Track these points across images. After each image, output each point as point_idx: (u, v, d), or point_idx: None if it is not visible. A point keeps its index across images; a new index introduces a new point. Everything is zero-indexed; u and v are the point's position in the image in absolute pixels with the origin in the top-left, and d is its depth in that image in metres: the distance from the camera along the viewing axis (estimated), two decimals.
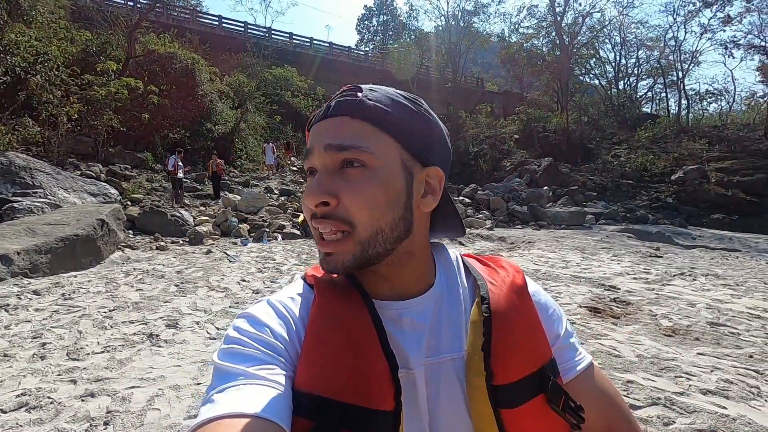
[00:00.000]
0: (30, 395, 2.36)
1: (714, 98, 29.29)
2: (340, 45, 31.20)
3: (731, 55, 24.01)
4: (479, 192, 15.02)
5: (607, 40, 28.65)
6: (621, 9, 26.68)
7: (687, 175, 16.33)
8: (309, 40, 28.52)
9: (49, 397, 2.34)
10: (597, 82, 30.11)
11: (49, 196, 7.94)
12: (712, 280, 5.82)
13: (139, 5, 18.73)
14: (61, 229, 5.75)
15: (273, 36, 27.05)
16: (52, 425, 2.09)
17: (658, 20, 77.11)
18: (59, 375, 2.63)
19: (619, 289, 5.15)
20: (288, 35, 27.73)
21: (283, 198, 12.21)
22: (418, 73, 27.90)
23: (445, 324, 0.52)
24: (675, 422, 2.18)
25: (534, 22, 28.03)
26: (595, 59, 29.02)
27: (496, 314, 0.51)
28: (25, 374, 2.63)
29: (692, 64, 25.74)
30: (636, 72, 30.16)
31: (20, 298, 4.17)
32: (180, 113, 14.24)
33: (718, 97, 29.28)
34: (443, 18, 28.79)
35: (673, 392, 2.50)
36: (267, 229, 8.77)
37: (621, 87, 29.89)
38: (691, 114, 27.38)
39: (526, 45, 27.53)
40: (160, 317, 3.75)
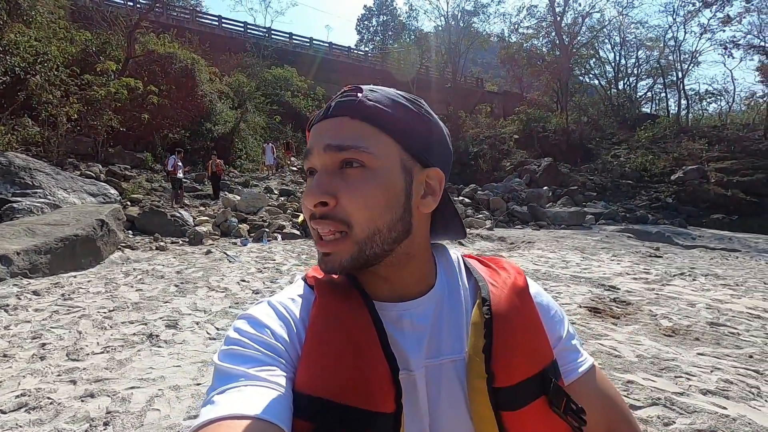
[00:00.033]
0: (30, 396, 2.35)
1: (714, 98, 29.37)
2: (340, 45, 31.22)
3: (731, 55, 24.02)
4: (479, 192, 15.03)
5: (607, 40, 28.72)
6: (621, 9, 26.74)
7: (687, 175, 16.34)
8: (309, 40, 28.52)
9: (48, 398, 2.34)
10: (597, 82, 30.14)
11: (49, 197, 7.93)
12: (712, 280, 5.82)
13: (138, 5, 18.74)
14: (60, 230, 5.74)
15: (273, 36, 27.05)
16: (52, 426, 2.09)
17: (658, 20, 77.07)
18: (59, 375, 2.63)
19: (619, 289, 5.15)
20: (288, 35, 27.74)
21: (283, 198, 12.21)
22: (417, 74, 27.90)
23: (446, 325, 0.52)
24: (675, 422, 2.18)
25: (534, 22, 28.08)
26: (594, 59, 29.05)
27: (497, 316, 0.51)
28: (24, 375, 2.63)
29: (692, 64, 25.75)
30: (636, 72, 30.16)
31: (20, 299, 4.17)
32: (180, 113, 14.24)
33: (718, 97, 29.37)
34: (443, 18, 28.87)
35: (673, 392, 2.50)
36: (267, 230, 8.76)
37: (621, 87, 29.89)
38: (691, 114, 27.41)
39: (525, 45, 27.57)
40: (160, 317, 3.75)
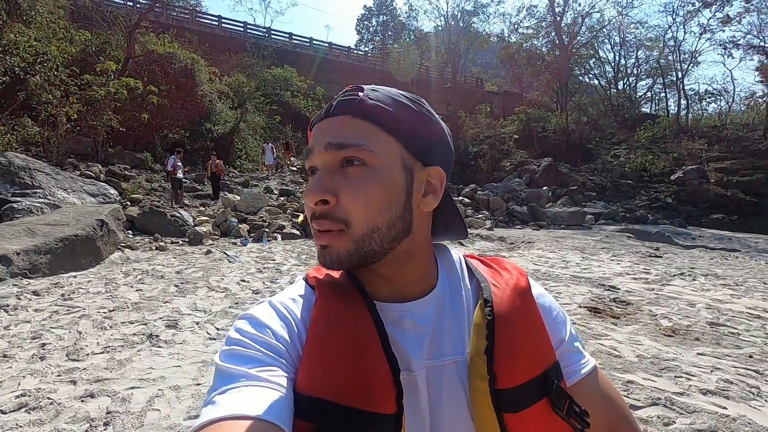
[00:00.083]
0: (30, 396, 2.35)
1: (713, 98, 29.37)
2: (340, 45, 31.20)
3: (730, 55, 24.04)
4: (479, 192, 15.03)
5: (607, 41, 28.75)
6: (620, 9, 26.80)
7: (686, 175, 16.35)
8: (308, 40, 28.51)
9: (48, 398, 2.34)
10: (596, 82, 30.16)
11: (49, 197, 7.92)
12: (712, 280, 5.83)
13: (138, 5, 18.74)
14: (60, 230, 5.74)
15: (272, 36, 27.03)
16: (52, 426, 2.09)
17: (658, 20, 77.11)
18: (59, 376, 2.63)
19: (618, 289, 5.15)
20: (287, 35, 27.72)
21: (283, 198, 12.20)
22: (417, 74, 27.89)
23: (448, 326, 0.52)
24: (675, 422, 2.18)
25: (533, 22, 28.15)
26: (594, 59, 29.05)
27: (499, 317, 0.51)
28: (24, 375, 2.63)
29: (691, 64, 25.76)
30: (635, 72, 30.17)
31: (20, 299, 4.17)
32: (179, 113, 14.24)
33: (718, 97, 29.38)
34: (443, 18, 28.90)
35: (673, 392, 2.50)
36: (267, 230, 8.76)
37: (620, 87, 29.90)
38: (691, 114, 27.40)
39: (525, 45, 27.59)
40: (160, 318, 3.75)
